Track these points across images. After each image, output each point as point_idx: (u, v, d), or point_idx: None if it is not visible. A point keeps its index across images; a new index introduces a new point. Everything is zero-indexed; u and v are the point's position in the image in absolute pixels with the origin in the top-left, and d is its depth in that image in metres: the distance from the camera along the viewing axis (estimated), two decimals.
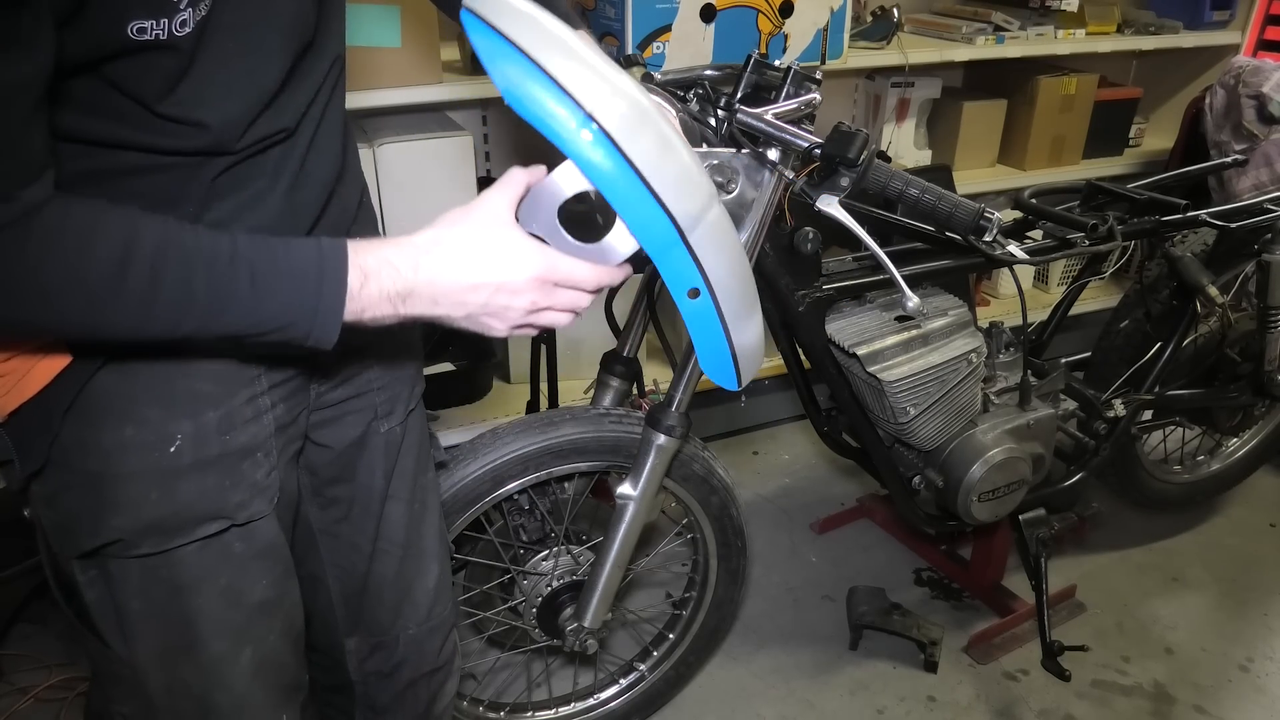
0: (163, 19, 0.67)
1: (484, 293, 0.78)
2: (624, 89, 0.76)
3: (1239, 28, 2.90)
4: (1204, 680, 1.95)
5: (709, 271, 0.84)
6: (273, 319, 0.74)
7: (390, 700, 1.23)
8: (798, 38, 2.16)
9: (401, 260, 0.77)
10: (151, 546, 0.88)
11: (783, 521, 2.41)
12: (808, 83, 1.32)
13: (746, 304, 0.91)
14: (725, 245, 0.85)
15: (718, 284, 0.85)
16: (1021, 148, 2.82)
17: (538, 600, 1.61)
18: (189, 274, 0.70)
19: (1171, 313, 1.97)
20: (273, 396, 0.94)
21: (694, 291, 0.85)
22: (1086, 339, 2.17)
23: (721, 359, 0.92)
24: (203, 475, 0.88)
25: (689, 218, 0.80)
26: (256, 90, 0.79)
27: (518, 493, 1.52)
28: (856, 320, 1.59)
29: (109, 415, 0.84)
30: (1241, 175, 2.39)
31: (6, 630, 1.95)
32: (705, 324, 0.88)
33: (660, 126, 0.78)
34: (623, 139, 0.75)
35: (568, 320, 0.85)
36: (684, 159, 0.81)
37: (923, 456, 1.74)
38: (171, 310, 0.71)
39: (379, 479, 1.11)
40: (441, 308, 0.79)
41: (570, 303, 0.83)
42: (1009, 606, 2.07)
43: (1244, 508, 2.51)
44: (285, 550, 1.00)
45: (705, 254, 0.83)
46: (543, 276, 0.79)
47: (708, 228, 0.82)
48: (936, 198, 1.32)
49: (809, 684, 1.93)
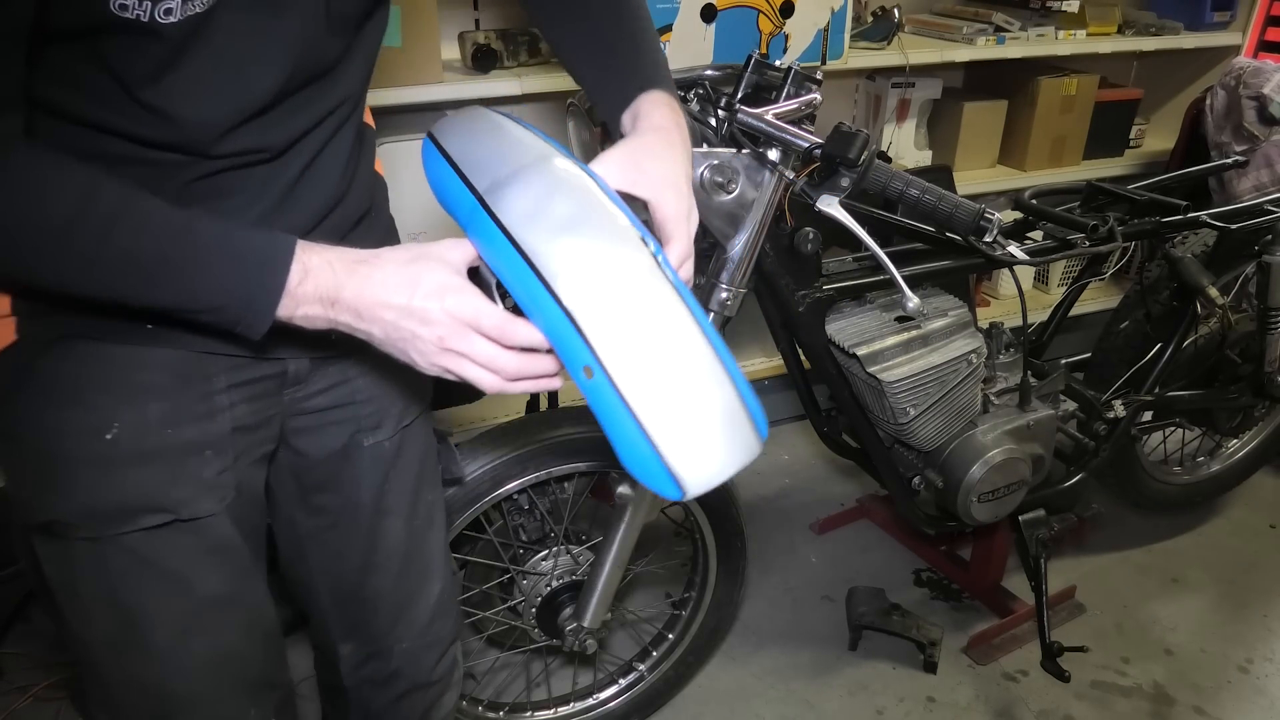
0: (147, 3, 0.68)
1: (393, 313, 0.77)
2: (526, 164, 0.78)
3: (1240, 29, 2.90)
4: (1203, 681, 1.95)
5: (599, 345, 0.72)
6: (206, 298, 0.75)
7: (383, 708, 1.22)
8: (798, 38, 2.16)
9: (340, 264, 0.77)
10: (90, 531, 0.88)
11: (782, 522, 2.41)
12: (808, 83, 1.32)
13: (687, 380, 0.73)
14: (640, 307, 0.73)
15: (620, 357, 0.72)
16: (1022, 148, 2.82)
17: (537, 600, 1.61)
18: (136, 239, 0.71)
19: (1172, 314, 1.97)
20: (233, 396, 0.93)
21: (588, 370, 0.73)
22: (1086, 340, 2.16)
23: (643, 455, 0.72)
24: (140, 466, 0.88)
25: (576, 293, 0.73)
26: (241, 100, 0.79)
27: (517, 492, 1.52)
28: (856, 320, 1.59)
29: (52, 395, 0.85)
30: (1242, 176, 2.39)
31: (6, 629, 1.95)
32: (610, 411, 0.73)
33: (559, 193, 0.77)
34: (506, 214, 0.76)
35: (489, 380, 0.78)
36: (584, 221, 0.76)
37: (922, 457, 1.74)
38: (112, 271, 0.72)
39: (366, 492, 1.09)
40: (363, 321, 0.78)
41: (486, 357, 0.77)
42: (1008, 607, 2.07)
43: (1244, 509, 2.51)
44: (243, 550, 0.98)
45: (596, 323, 0.72)
46: (453, 311, 0.76)
47: (606, 291, 0.73)
48: (937, 198, 1.32)
49: (808, 684, 1.93)
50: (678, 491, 0.73)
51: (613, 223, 0.77)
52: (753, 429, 0.76)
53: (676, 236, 0.87)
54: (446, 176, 0.81)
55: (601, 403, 0.73)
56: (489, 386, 0.79)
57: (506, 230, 0.75)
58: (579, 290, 0.73)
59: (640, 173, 0.86)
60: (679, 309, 0.74)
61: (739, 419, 0.75)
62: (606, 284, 0.74)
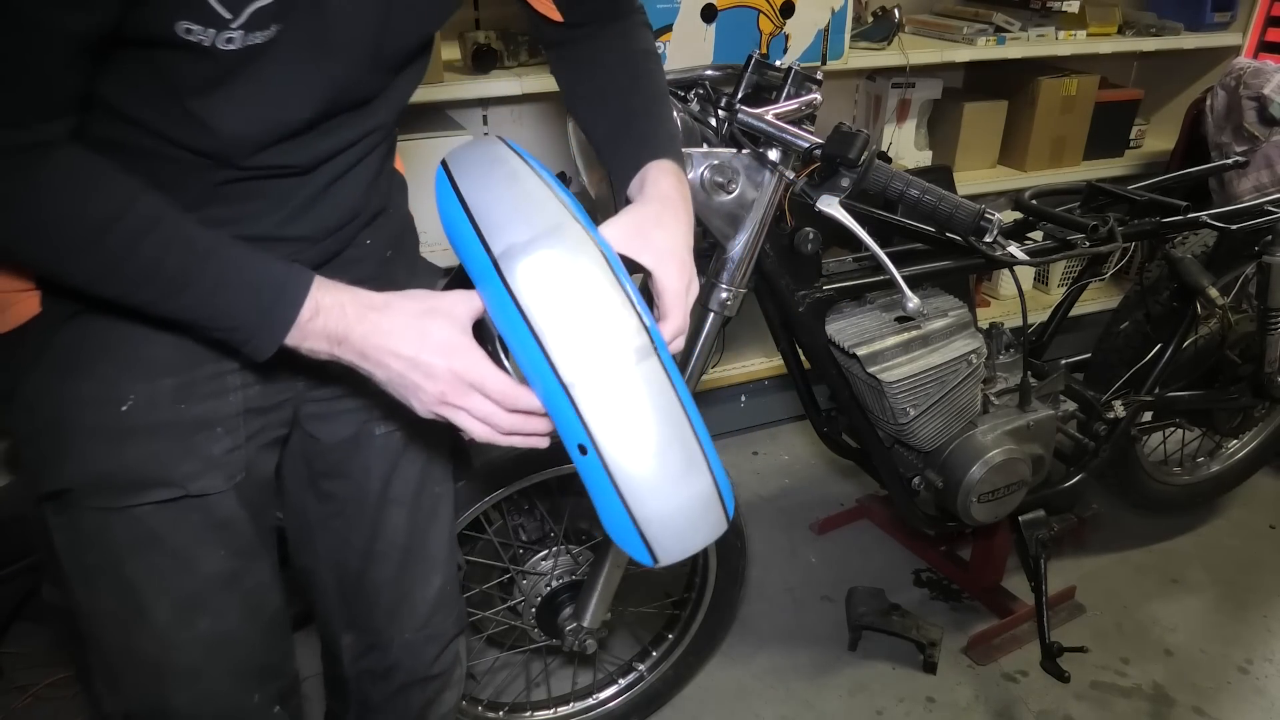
0: (211, 29, 0.73)
1: (401, 364, 0.80)
2: (544, 233, 0.79)
3: (1240, 29, 2.90)
4: (1203, 682, 1.95)
5: (597, 432, 0.77)
6: (220, 319, 0.79)
7: (382, 701, 1.22)
8: (798, 38, 2.16)
9: (351, 308, 0.81)
10: (101, 501, 0.91)
11: (782, 522, 2.41)
12: (808, 83, 1.32)
13: (672, 473, 0.80)
14: (640, 405, 0.78)
15: (615, 447, 0.77)
16: (1022, 149, 2.82)
17: (537, 600, 1.61)
18: (163, 254, 0.75)
19: (1172, 314, 1.97)
20: (244, 377, 0.95)
21: (582, 448, 0.78)
22: (1086, 340, 2.16)
23: (624, 527, 0.80)
24: (151, 438, 0.90)
25: (579, 374, 0.77)
26: (279, 123, 0.83)
27: (517, 492, 1.52)
28: (856, 321, 1.59)
29: (70, 367, 0.88)
30: (1242, 177, 2.39)
31: (6, 628, 1.95)
32: (598, 486, 0.79)
33: (575, 274, 0.78)
34: (519, 285, 0.77)
35: (482, 431, 0.83)
36: (596, 310, 0.78)
37: (922, 457, 1.74)
38: (134, 279, 0.76)
39: (375, 480, 1.10)
40: (368, 363, 0.82)
41: (484, 414, 0.81)
42: (1008, 608, 2.07)
43: (1244, 509, 2.51)
44: (249, 531, 1.00)
45: (596, 411, 0.77)
46: (459, 373, 0.80)
47: (610, 384, 0.77)
48: (937, 198, 1.32)
49: (808, 685, 1.93)
50: (650, 562, 0.82)
51: (620, 309, 0.79)
52: (722, 512, 0.83)
53: (673, 312, 0.89)
54: (459, 220, 0.82)
55: (592, 479, 0.80)
56: (481, 437, 0.83)
57: (519, 304, 0.77)
58: (583, 375, 0.77)
59: (645, 241, 0.89)
60: (673, 401, 0.80)
61: (712, 505, 0.82)
62: (609, 372, 0.77)
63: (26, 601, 1.97)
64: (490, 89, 2.02)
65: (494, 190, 0.82)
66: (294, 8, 0.76)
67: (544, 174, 0.84)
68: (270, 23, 0.75)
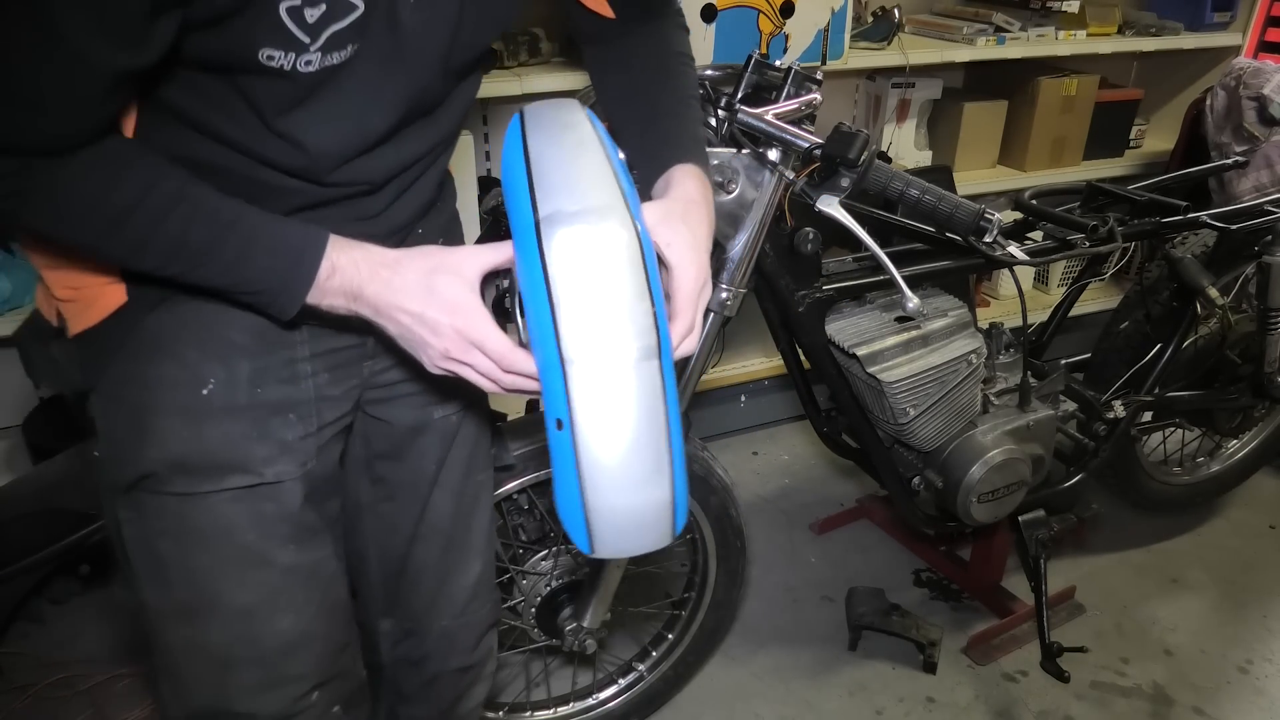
0: (291, 54, 0.77)
1: (408, 319, 0.83)
2: (593, 210, 0.79)
3: (1240, 29, 2.90)
4: (1203, 682, 1.95)
5: (578, 413, 0.78)
6: (246, 284, 0.83)
7: (416, 690, 1.24)
8: (798, 38, 2.16)
9: (365, 264, 0.84)
10: (182, 486, 0.92)
11: (782, 522, 2.41)
12: (808, 83, 1.32)
13: (634, 474, 0.80)
14: (627, 401, 0.78)
15: (590, 432, 0.78)
16: (1022, 149, 2.82)
17: (537, 600, 1.61)
18: (186, 227, 0.78)
19: (1171, 314, 1.97)
20: (315, 365, 0.98)
21: (559, 422, 0.79)
22: (1086, 340, 2.17)
23: (573, 509, 0.81)
24: (230, 421, 0.93)
25: (580, 352, 0.77)
26: (361, 135, 0.88)
27: (517, 492, 1.52)
28: (856, 321, 1.59)
29: (154, 351, 0.91)
30: (1242, 177, 2.39)
31: (6, 628, 1.95)
32: (562, 463, 0.81)
33: (608, 258, 0.79)
34: (553, 251, 0.78)
35: (486, 385, 0.85)
36: (617, 299, 0.78)
37: (922, 457, 1.74)
38: (162, 252, 0.79)
39: (430, 464, 1.13)
40: (381, 318, 0.85)
41: (485, 370, 0.84)
42: (1008, 607, 2.07)
43: (1244, 509, 2.51)
44: (316, 521, 1.01)
45: (584, 394, 0.78)
46: (462, 330, 0.82)
47: (606, 373, 0.78)
48: (937, 198, 1.32)
49: (808, 684, 1.93)
50: (587, 550, 0.83)
51: (639, 304, 0.79)
52: (670, 526, 0.84)
53: (683, 312, 0.90)
54: (518, 172, 0.82)
55: (559, 456, 0.80)
56: (484, 388, 0.86)
57: (546, 269, 0.78)
58: (583, 356, 0.77)
59: (674, 234, 0.90)
60: (660, 407, 0.80)
61: (663, 517, 0.83)
62: (608, 360, 0.78)
63: (26, 601, 1.98)
64: (490, 89, 2.02)
65: (559, 153, 0.83)
66: (369, 28, 0.80)
67: (611, 151, 0.84)
68: (347, 43, 0.79)
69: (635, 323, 0.79)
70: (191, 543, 0.95)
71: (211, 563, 0.95)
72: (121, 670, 1.87)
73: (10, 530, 1.82)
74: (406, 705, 1.26)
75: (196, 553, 0.95)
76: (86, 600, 2.05)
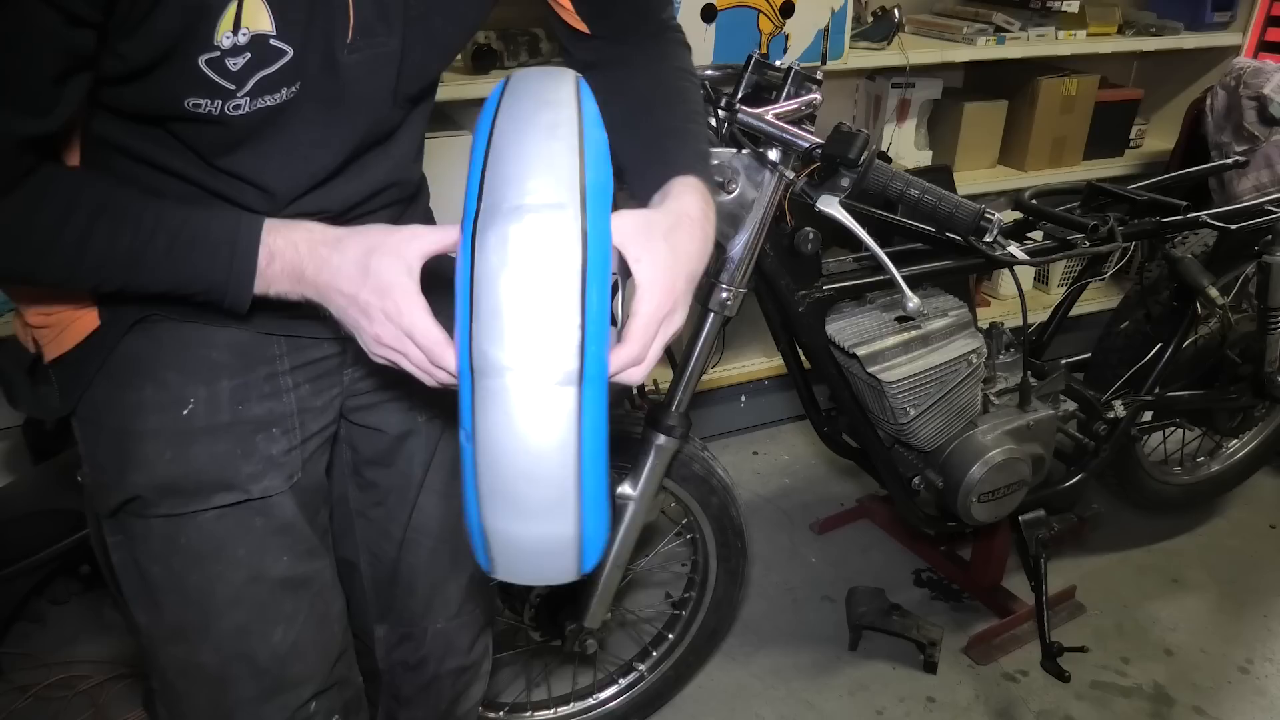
0: (218, 100, 0.76)
1: (343, 300, 0.80)
2: (536, 207, 0.71)
3: (1240, 29, 2.90)
4: (1204, 682, 1.95)
5: (478, 430, 0.72)
6: (189, 283, 0.81)
7: (414, 692, 1.24)
8: (798, 38, 2.16)
9: (305, 244, 0.81)
10: (169, 508, 0.92)
11: (782, 522, 2.41)
12: (808, 83, 1.32)
13: (530, 505, 0.73)
14: (530, 427, 0.71)
15: (486, 451, 0.72)
16: (1022, 149, 2.82)
17: (537, 600, 1.61)
18: (114, 236, 0.77)
19: (1172, 314, 1.97)
20: (296, 377, 0.97)
21: (466, 434, 0.74)
22: (1086, 340, 2.16)
23: (473, 526, 0.76)
24: (214, 440, 0.92)
25: (489, 365, 0.70)
26: (309, 174, 0.86)
27: None
28: (856, 321, 1.59)
29: (133, 375, 0.90)
30: (1242, 176, 2.39)
31: (6, 628, 1.95)
32: (465, 476, 0.75)
33: (538, 266, 0.70)
34: (481, 248, 0.71)
35: (422, 379, 0.81)
36: (539, 314, 0.70)
37: (922, 457, 1.74)
38: (98, 266, 0.78)
39: (417, 468, 1.12)
40: (323, 299, 0.82)
41: (416, 361, 0.79)
42: (1008, 607, 2.07)
43: (1244, 509, 2.51)
44: (308, 532, 1.01)
45: (486, 411, 0.71)
46: (391, 316, 0.78)
47: (512, 393, 0.70)
48: (937, 198, 1.32)
49: (808, 684, 1.93)
50: (487, 569, 0.78)
51: (565, 324, 0.71)
52: (574, 564, 0.77)
53: (634, 340, 0.78)
54: (477, 151, 0.75)
55: (464, 468, 0.75)
56: (422, 380, 0.82)
57: (472, 266, 0.71)
58: (490, 371, 0.71)
59: (646, 247, 0.80)
60: (570, 439, 0.72)
61: (562, 553, 0.76)
62: (518, 380, 0.70)
63: (26, 601, 1.98)
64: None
65: (523, 136, 0.74)
66: (303, 71, 0.78)
67: (589, 138, 0.75)
68: (281, 86, 0.78)
69: (559, 343, 0.70)
70: (181, 563, 0.94)
71: (202, 581, 0.94)
72: (121, 670, 1.87)
73: (10, 530, 1.82)
74: (405, 709, 1.25)
75: (187, 572, 0.94)
76: (86, 600, 2.05)
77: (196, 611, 0.95)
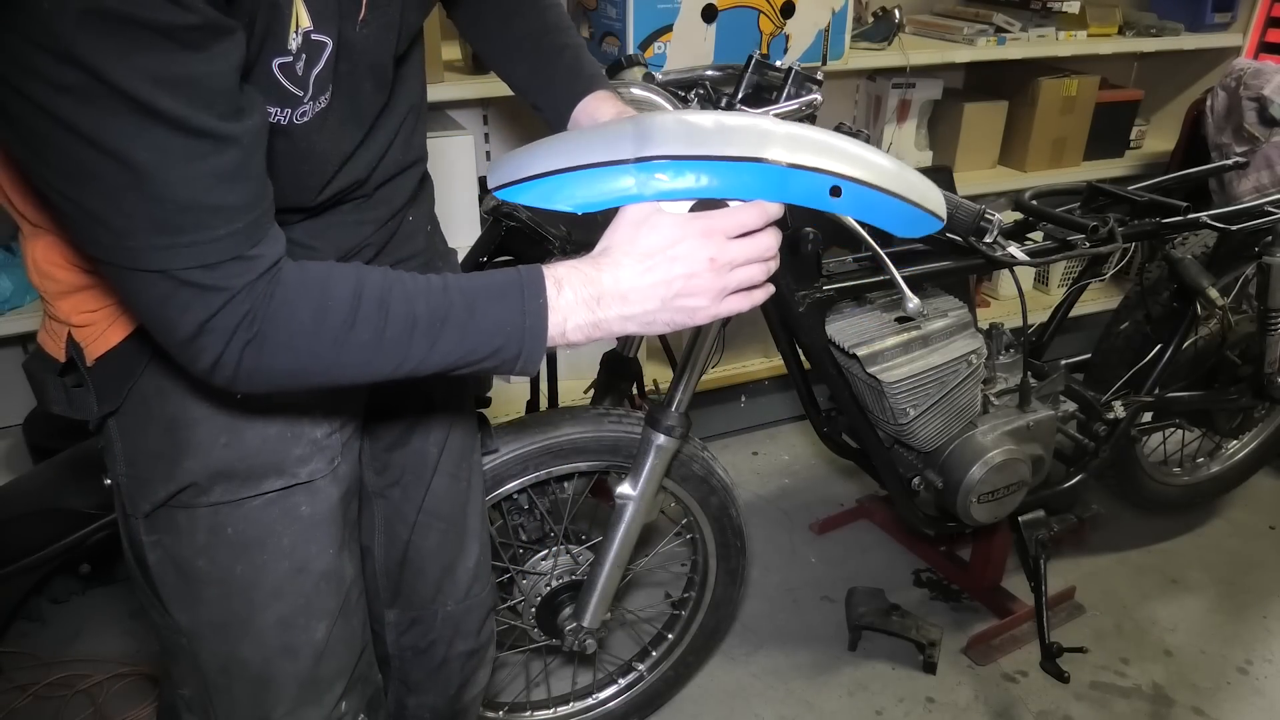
0: (287, 109, 0.76)
1: (659, 262, 0.81)
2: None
3: (1240, 30, 2.90)
4: (1203, 682, 1.95)
5: (839, 170, 0.83)
6: (486, 340, 0.79)
7: (423, 677, 1.25)
8: (799, 38, 2.16)
9: (583, 265, 0.82)
10: (220, 495, 0.91)
11: (782, 522, 2.41)
12: (809, 83, 1.32)
13: (892, 166, 0.88)
14: (814, 138, 0.84)
15: (853, 169, 0.84)
16: (1022, 149, 2.82)
17: (537, 600, 1.61)
18: (411, 304, 0.77)
19: (1172, 315, 1.97)
20: None
21: (834, 190, 0.83)
22: (1086, 341, 2.17)
23: (907, 215, 0.88)
24: (266, 424, 0.92)
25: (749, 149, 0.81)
26: (340, 154, 0.87)
27: (517, 492, 1.53)
28: (856, 321, 1.59)
29: None
30: (1242, 177, 2.39)
31: (6, 628, 1.95)
32: (867, 204, 0.86)
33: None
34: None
35: (763, 272, 0.86)
36: (708, 119, 0.83)
37: (922, 458, 1.74)
38: (398, 341, 0.77)
39: (433, 447, 1.14)
40: (630, 304, 0.81)
41: (748, 251, 0.83)
42: (1008, 608, 2.07)
43: (1243, 510, 2.51)
44: (343, 524, 1.01)
45: (821, 160, 0.83)
46: (703, 231, 0.81)
47: (783, 140, 0.82)
48: None
49: (808, 684, 1.93)
50: (941, 223, 0.91)
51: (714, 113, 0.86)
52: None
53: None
54: (567, 183, 0.83)
55: (859, 204, 0.85)
56: (762, 295, 0.88)
57: (692, 155, 0.80)
58: (787, 151, 0.81)
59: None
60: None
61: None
62: (775, 135, 0.82)
63: (26, 601, 1.98)
64: (491, 89, 2.02)
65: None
66: (337, 63, 0.80)
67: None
68: (328, 84, 0.79)
69: (733, 119, 0.85)
70: (227, 555, 0.93)
71: (247, 572, 0.94)
72: (122, 670, 1.87)
73: (10, 530, 1.82)
74: (414, 694, 1.26)
75: (233, 563, 0.93)
76: (86, 600, 2.05)
77: (240, 604, 0.94)
